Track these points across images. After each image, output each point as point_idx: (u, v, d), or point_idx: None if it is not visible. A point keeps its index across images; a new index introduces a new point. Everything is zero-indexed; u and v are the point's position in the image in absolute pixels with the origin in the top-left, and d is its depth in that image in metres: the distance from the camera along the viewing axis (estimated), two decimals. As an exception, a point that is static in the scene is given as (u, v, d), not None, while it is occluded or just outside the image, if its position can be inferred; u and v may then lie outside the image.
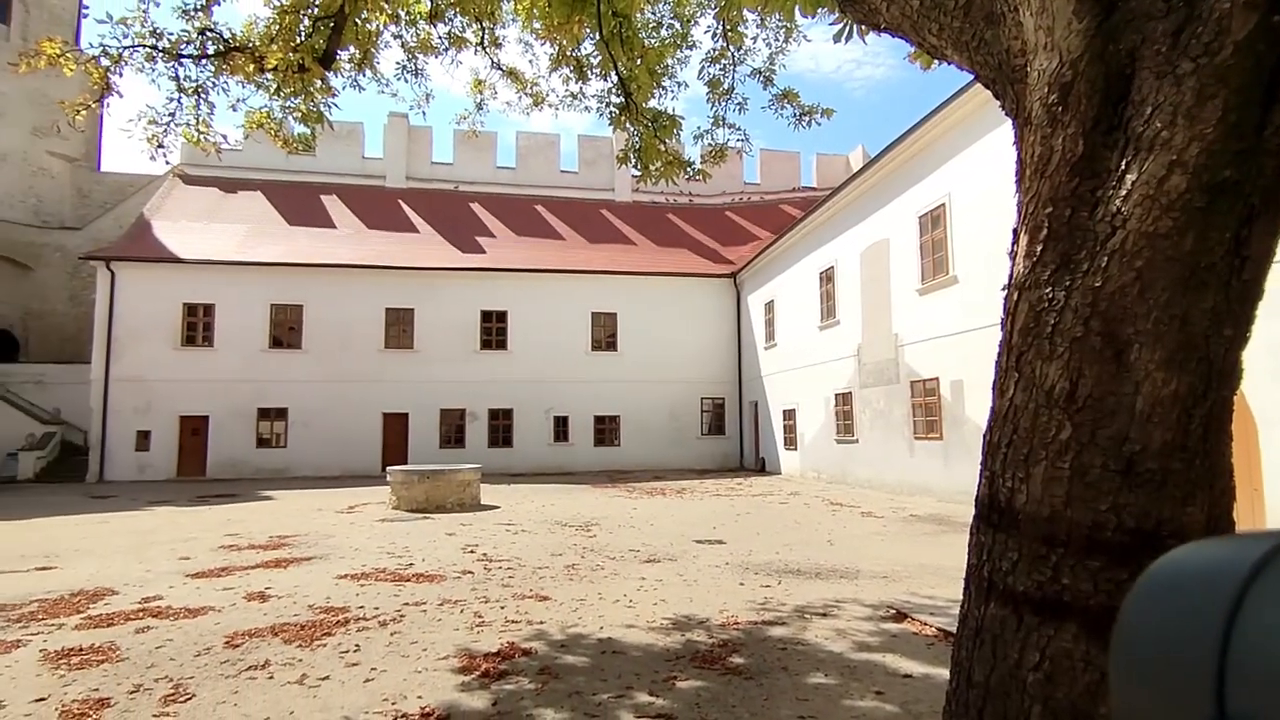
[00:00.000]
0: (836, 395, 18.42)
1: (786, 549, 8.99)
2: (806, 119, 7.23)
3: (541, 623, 5.67)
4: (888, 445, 15.90)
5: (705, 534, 10.29)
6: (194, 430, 22.31)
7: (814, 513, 12.69)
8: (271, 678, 4.47)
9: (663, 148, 6.83)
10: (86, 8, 28.17)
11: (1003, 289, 1.65)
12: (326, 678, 4.46)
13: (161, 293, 22.31)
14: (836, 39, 3.65)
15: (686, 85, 7.71)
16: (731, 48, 7.00)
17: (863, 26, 3.06)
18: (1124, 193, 1.33)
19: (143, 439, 21.93)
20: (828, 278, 19.07)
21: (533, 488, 18.16)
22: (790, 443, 21.49)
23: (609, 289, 25.38)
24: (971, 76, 1.92)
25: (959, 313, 13.32)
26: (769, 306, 23.35)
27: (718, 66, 7.22)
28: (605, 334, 25.36)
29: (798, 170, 32.75)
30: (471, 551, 8.98)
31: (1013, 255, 1.62)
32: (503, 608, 6.15)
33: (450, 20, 7.07)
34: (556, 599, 6.45)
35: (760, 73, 7.40)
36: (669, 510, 13.29)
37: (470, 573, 7.65)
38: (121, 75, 5.59)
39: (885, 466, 15.96)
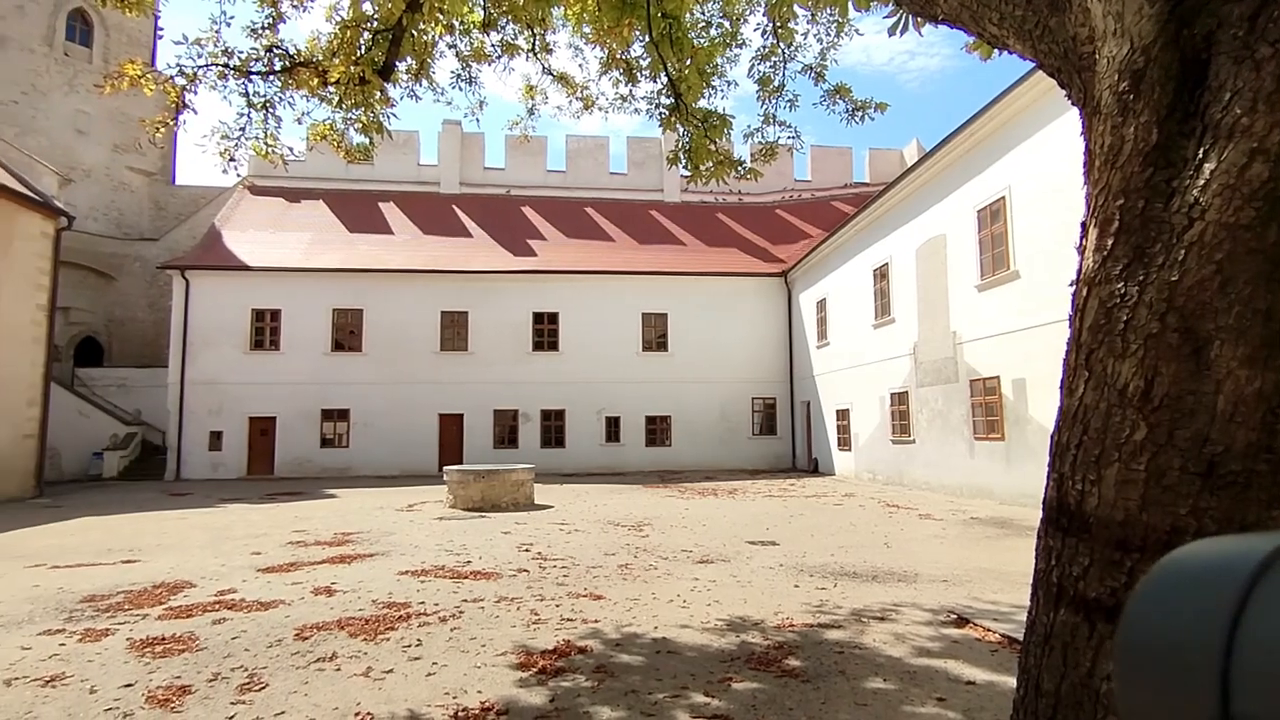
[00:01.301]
0: (892, 395, 18.04)
1: (842, 551, 8.86)
2: (859, 114, 7.10)
3: (596, 621, 5.72)
4: (946, 446, 15.49)
5: (758, 535, 10.21)
6: (262, 431, 23.26)
7: (869, 515, 12.46)
8: (339, 670, 4.64)
9: (713, 147, 6.81)
10: (162, 30, 29.70)
11: (1070, 284, 1.60)
12: (390, 671, 4.60)
13: (232, 299, 23.36)
14: (891, 32, 3.59)
15: (736, 84, 7.65)
16: (782, 44, 6.93)
17: (919, 19, 3.00)
18: (1202, 183, 1.28)
19: (215, 439, 22.98)
20: (882, 275, 18.69)
21: (585, 487, 18.33)
22: (844, 443, 21.13)
23: (659, 289, 25.41)
24: (1033, 64, 1.87)
25: (1020, 309, 12.88)
26: (821, 305, 23.01)
27: (768, 64, 7.16)
28: (655, 334, 25.40)
29: (850, 166, 32.18)
30: (527, 550, 9.12)
31: (1081, 249, 1.57)
32: (558, 606, 6.23)
33: (502, 28, 7.20)
34: (610, 598, 6.50)
35: (811, 69, 7.30)
36: (721, 511, 13.23)
37: (526, 571, 7.77)
38: (196, 93, 5.88)
39: (944, 468, 15.55)
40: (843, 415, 21.22)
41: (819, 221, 28.34)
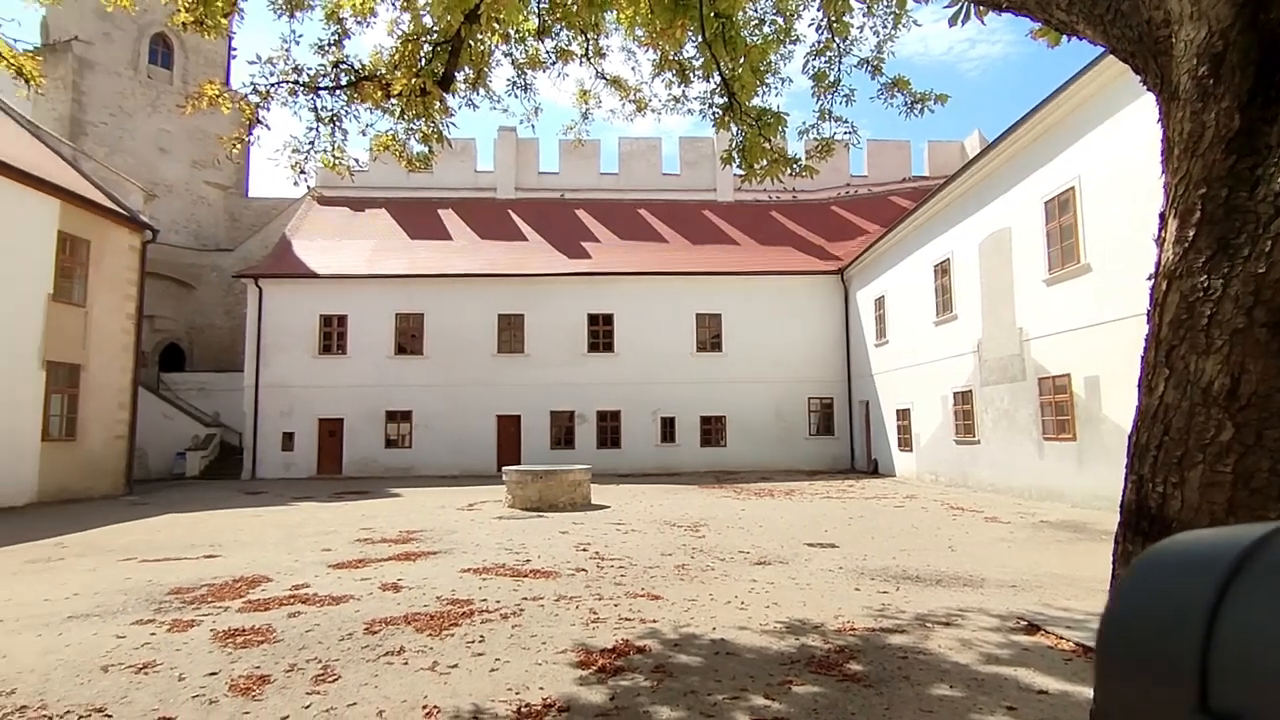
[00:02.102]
0: (955, 394, 17.51)
1: (904, 554, 8.65)
2: (918, 107, 6.93)
3: (654, 621, 5.75)
4: (1013, 446, 14.95)
5: (816, 537, 10.07)
6: (331, 432, 24.17)
7: (932, 517, 12.13)
8: (406, 663, 4.79)
9: (767, 145, 6.75)
10: (235, 50, 31.22)
11: (1148, 278, 1.54)
12: (455, 666, 4.73)
13: (301, 306, 24.35)
14: (952, 22, 3.51)
15: (790, 80, 7.57)
16: (837, 39, 6.82)
17: (980, 7, 2.92)
18: (1290, 170, 1.21)
19: (287, 440, 23.99)
20: (943, 270, 18.17)
21: (640, 488, 18.40)
22: (905, 444, 20.62)
23: (712, 289, 25.32)
24: (1104, 49, 1.80)
25: (1092, 303, 12.34)
26: (879, 302, 22.52)
27: (823, 59, 7.05)
28: (710, 335, 25.31)
29: (908, 159, 31.38)
30: (584, 549, 9.22)
31: (1160, 241, 1.51)
32: (616, 605, 6.29)
33: (556, 34, 7.30)
34: (668, 598, 6.52)
35: (868, 62, 7.15)
36: (778, 512, 13.09)
37: (584, 570, 7.86)
38: (268, 109, 6.16)
39: (1010, 469, 15.01)
40: (903, 415, 20.71)
41: (876, 217, 27.74)
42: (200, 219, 31.18)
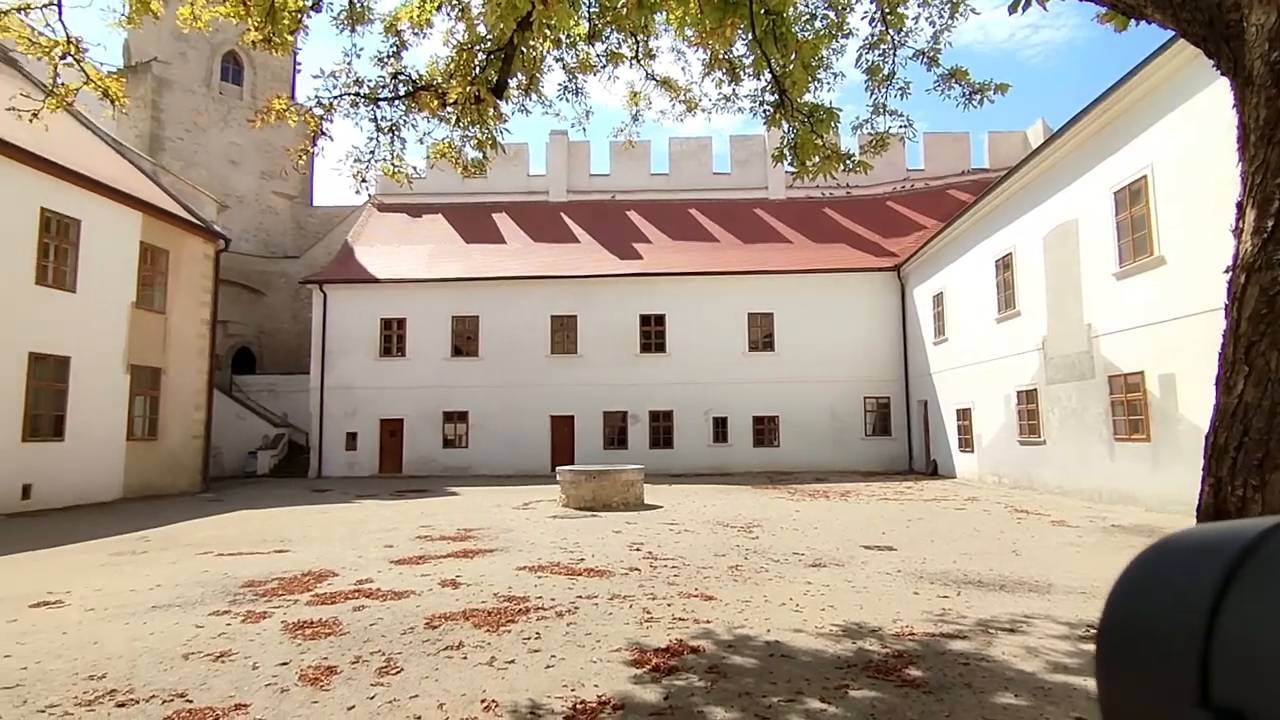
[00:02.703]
0: (1019, 393, 16.91)
1: (965, 558, 8.41)
2: (977, 97, 6.73)
3: (708, 622, 5.74)
4: (1081, 447, 14.34)
5: (874, 539, 9.87)
6: (391, 432, 24.89)
7: (995, 520, 11.75)
8: (465, 658, 4.91)
9: (819, 142, 6.66)
10: (300, 65, 32.47)
11: (1225, 270, 1.48)
12: (512, 661, 4.82)
13: (363, 310, 25.17)
14: (1012, 10, 3.41)
15: (843, 75, 7.44)
16: (891, 31, 6.69)
17: (1042, -6, 2.84)
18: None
19: (351, 440, 24.82)
20: (1005, 265, 17.57)
21: (693, 488, 18.36)
22: (965, 444, 20.02)
23: (764, 288, 25.08)
24: (1173, 33, 1.73)
25: (1166, 297, 11.75)
26: (938, 299, 21.92)
27: (876, 52, 6.92)
28: (762, 334, 25.08)
29: (967, 152, 30.43)
30: (637, 549, 9.26)
31: (1237, 232, 1.44)
32: (669, 605, 6.30)
33: (607, 38, 7.37)
34: (722, 599, 6.50)
35: (924, 54, 6.98)
36: (833, 513, 12.89)
37: (637, 570, 7.90)
38: (332, 121, 6.41)
39: (1079, 471, 14.41)
40: (964, 415, 20.11)
41: (934, 212, 27.01)
42: (269, 228, 32.53)
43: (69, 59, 5.69)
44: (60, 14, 5.47)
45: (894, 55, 6.87)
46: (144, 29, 21.15)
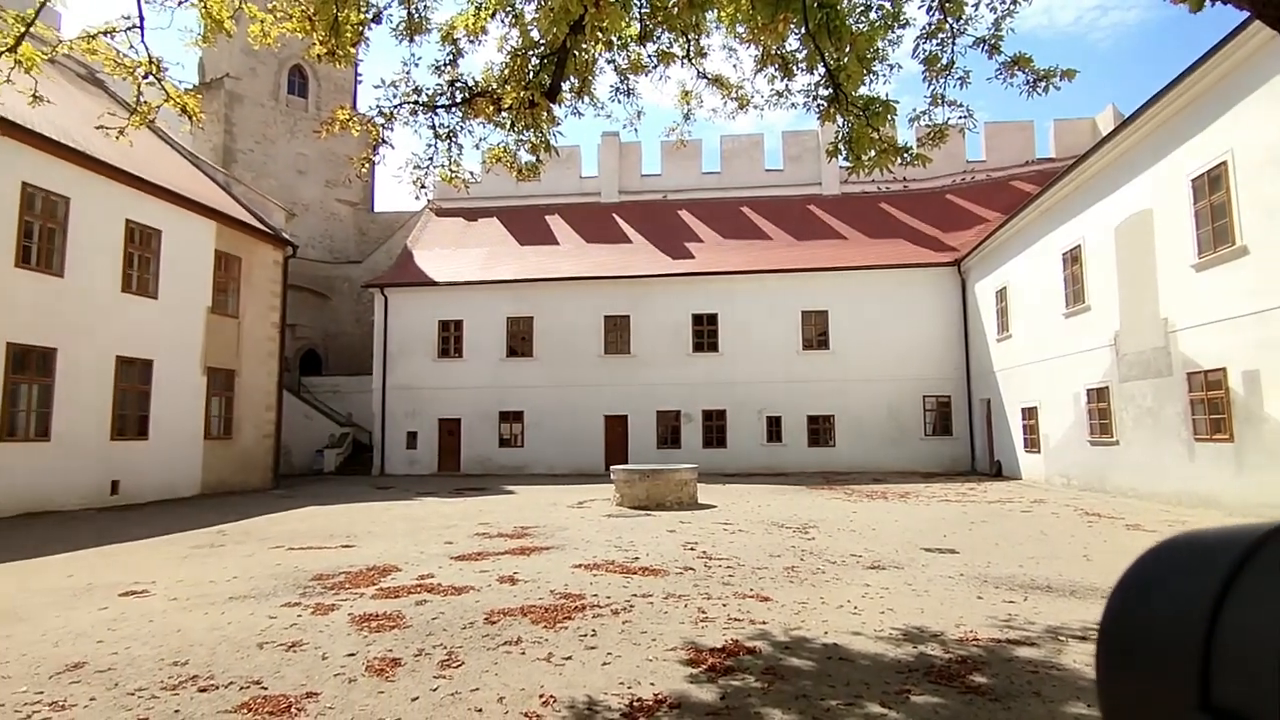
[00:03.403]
0: (1089, 391, 16.21)
1: (1032, 562, 8.12)
2: (1041, 85, 6.47)
3: (764, 623, 5.70)
4: (1158, 448, 13.66)
5: (934, 542, 9.62)
6: (450, 431, 25.49)
7: (1064, 523, 11.29)
8: (524, 653, 5.00)
9: (875, 135, 6.53)
10: (361, 76, 33.50)
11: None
12: (569, 658, 4.89)
13: (422, 312, 25.85)
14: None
15: (899, 67, 7.26)
16: (950, 20, 6.50)
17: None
18: None
19: (411, 439, 25.53)
20: (1073, 258, 16.86)
21: (747, 488, 18.22)
22: (1031, 445, 19.29)
23: (819, 286, 24.69)
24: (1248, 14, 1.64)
25: (1251, 290, 11.08)
26: (1001, 295, 21.18)
27: (934, 42, 6.73)
28: (816, 332, 24.70)
29: (1031, 141, 29.29)
30: (692, 549, 9.25)
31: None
32: (724, 605, 6.28)
33: (658, 38, 7.38)
34: (778, 600, 6.44)
35: (984, 41, 6.75)
36: (892, 515, 12.61)
37: (691, 569, 7.90)
38: (392, 129, 6.61)
39: (1155, 473, 13.72)
40: (1029, 414, 19.39)
41: (996, 204, 26.10)
42: (333, 234, 33.72)
43: (150, 78, 6.03)
44: (142, 36, 5.81)
45: (953, 44, 6.68)
46: (217, 47, 22.19)
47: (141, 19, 5.73)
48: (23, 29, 5.35)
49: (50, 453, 14.53)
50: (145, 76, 5.98)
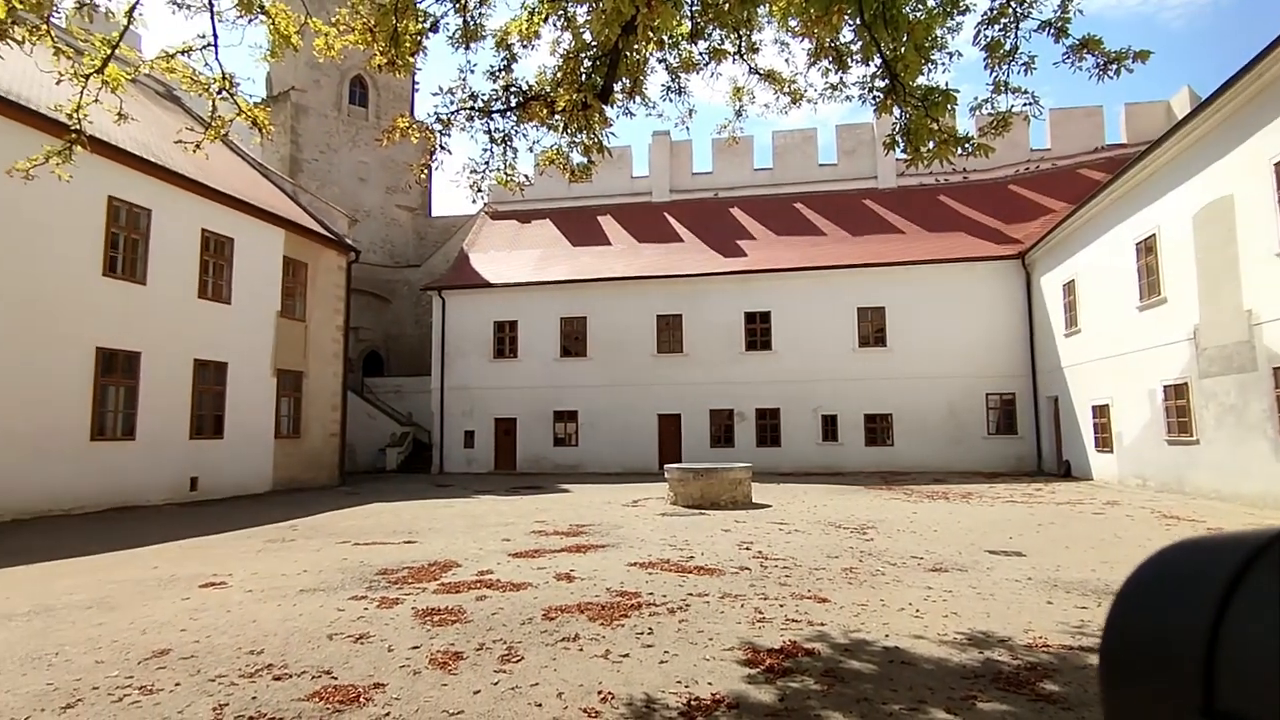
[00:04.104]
0: (1165, 387, 15.41)
1: (1105, 567, 7.78)
2: (1112, 68, 6.18)
3: (822, 624, 5.62)
4: (1241, 447, 12.89)
5: (1000, 544, 9.31)
6: (505, 431, 25.95)
7: (1140, 526, 10.78)
8: (581, 650, 5.06)
9: (935, 126, 6.35)
10: (418, 84, 34.42)
11: None
12: (626, 655, 4.92)
13: (478, 313, 26.38)
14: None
15: (959, 54, 7.04)
16: (1013, 4, 6.27)
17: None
18: None
19: (469, 438, 26.09)
20: (1147, 248, 16.05)
21: (802, 487, 17.98)
22: (1103, 444, 18.46)
23: (875, 282, 24.16)
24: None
25: (1352, 278, 10.35)
26: (1068, 288, 20.33)
27: (997, 27, 6.50)
28: (873, 329, 24.19)
29: (1100, 127, 27.98)
30: (747, 548, 9.19)
31: None
32: (781, 606, 6.22)
33: (709, 35, 7.35)
34: (836, 601, 6.34)
35: (1050, 25, 6.48)
36: (954, 516, 12.25)
37: (747, 569, 7.84)
38: (449, 135, 6.77)
39: (1239, 474, 12.96)
40: (1101, 412, 18.56)
41: (1063, 194, 25.05)
42: (393, 239, 34.70)
43: (224, 94, 6.32)
44: (216, 54, 6.09)
45: (1016, 29, 6.44)
46: (284, 61, 23.13)
47: (215, 37, 6.02)
48: (109, 51, 5.69)
49: (136, 451, 15.39)
50: (219, 92, 6.27)
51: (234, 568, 8.34)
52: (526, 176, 7.22)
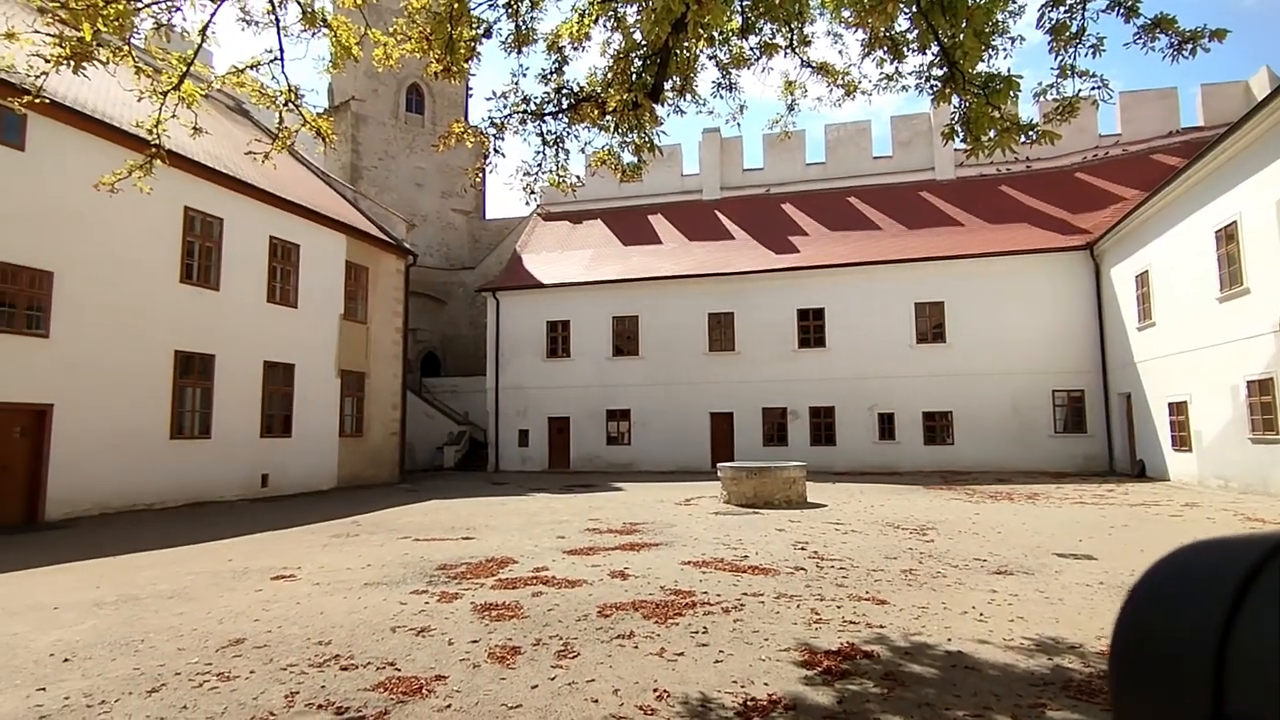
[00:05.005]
0: (1249, 383, 14.54)
1: (1186, 572, 7.38)
2: (1187, 47, 5.86)
3: (881, 627, 5.51)
4: (1342, 447, 12.06)
5: (1069, 546, 8.95)
6: (559, 429, 26.24)
7: (1222, 530, 10.19)
8: (636, 647, 5.08)
9: (996, 114, 6.14)
10: (471, 90, 35.08)
11: None
12: (681, 654, 4.92)
13: (531, 314, 26.75)
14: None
15: (1022, 39, 6.78)
16: (1079, -16, 6.01)
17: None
18: None
19: (523, 436, 26.49)
20: (1228, 236, 15.17)
21: (858, 486, 17.64)
22: (1180, 443, 17.54)
23: (933, 276, 23.51)
24: None
25: None
26: (1142, 279, 19.38)
27: (1061, 10, 6.23)
28: (931, 325, 23.54)
29: (1174, 110, 26.55)
30: (802, 548, 9.07)
31: None
32: (839, 607, 6.12)
33: (760, 30, 7.28)
34: (895, 604, 6.21)
35: (1119, 4, 6.19)
36: (1018, 517, 11.83)
37: (802, 569, 7.75)
38: (503, 139, 6.89)
39: (1339, 475, 12.13)
40: (1178, 409, 17.64)
41: (1134, 181, 23.88)
42: (448, 242, 35.49)
43: (290, 105, 6.58)
44: (283, 67, 6.34)
45: (1083, 10, 6.16)
46: (345, 72, 23.90)
47: (281, 51, 6.27)
48: (185, 68, 5.98)
49: (211, 449, 16.15)
50: (285, 104, 6.53)
51: (302, 561, 8.67)
52: (578, 177, 7.29)
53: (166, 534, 11.15)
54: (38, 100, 5.88)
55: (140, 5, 5.35)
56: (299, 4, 6.09)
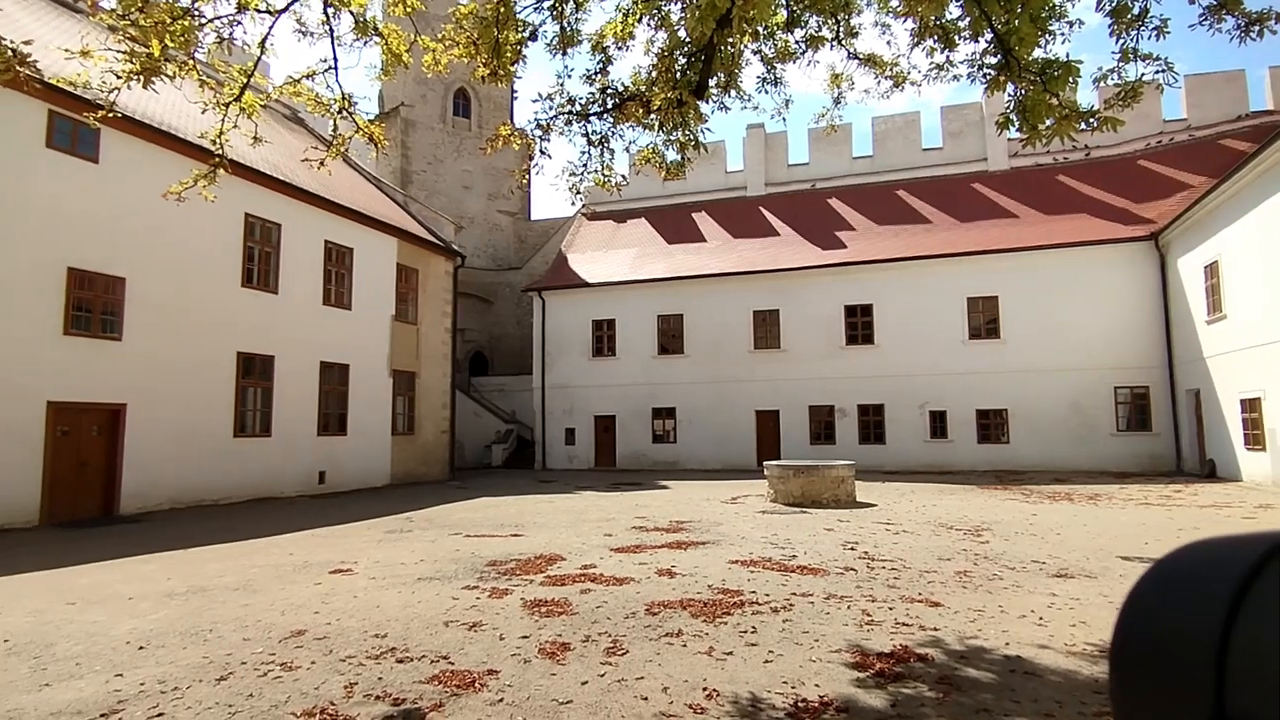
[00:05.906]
0: (1335, 379, 13.74)
1: (1263, 578, 7.03)
2: (1255, 28, 5.57)
3: (935, 630, 5.40)
4: None
5: (1134, 550, 8.61)
6: (605, 428, 26.39)
7: (1305, 534, 9.65)
8: (685, 646, 5.08)
9: (1054, 101, 5.93)
10: (516, 92, 35.57)
11: None
12: (730, 653, 4.90)
13: (576, 313, 26.96)
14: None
15: (1081, 23, 6.54)
16: (1142, -36, 5.76)
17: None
18: None
19: (569, 435, 26.72)
20: (1310, 223, 14.35)
21: (909, 486, 17.28)
22: (1254, 441, 16.67)
23: (986, 270, 22.84)
24: None
25: None
26: (1211, 270, 18.48)
27: (1123, -9, 6.00)
28: (984, 320, 22.88)
29: (1243, 93, 25.18)
30: (852, 549, 8.94)
31: None
32: (890, 609, 6.02)
33: (806, 23, 7.18)
34: (949, 606, 6.07)
35: (1185, -16, 5.92)
36: (1079, 519, 11.42)
37: (853, 570, 7.63)
38: (549, 140, 6.96)
39: None
40: (1251, 406, 16.77)
41: (1201, 167, 22.76)
42: (495, 243, 36.03)
43: (343, 113, 6.77)
44: (337, 76, 6.53)
45: (1147, -9, 5.91)
46: (396, 79, 24.46)
47: (335, 60, 6.45)
48: (245, 80, 6.21)
49: (272, 447, 16.75)
50: (339, 112, 6.73)
51: (359, 556, 8.93)
52: (623, 176, 7.31)
53: (231, 528, 11.61)
54: (110, 115, 6.18)
55: (204, 20, 5.57)
56: (352, 14, 6.26)
